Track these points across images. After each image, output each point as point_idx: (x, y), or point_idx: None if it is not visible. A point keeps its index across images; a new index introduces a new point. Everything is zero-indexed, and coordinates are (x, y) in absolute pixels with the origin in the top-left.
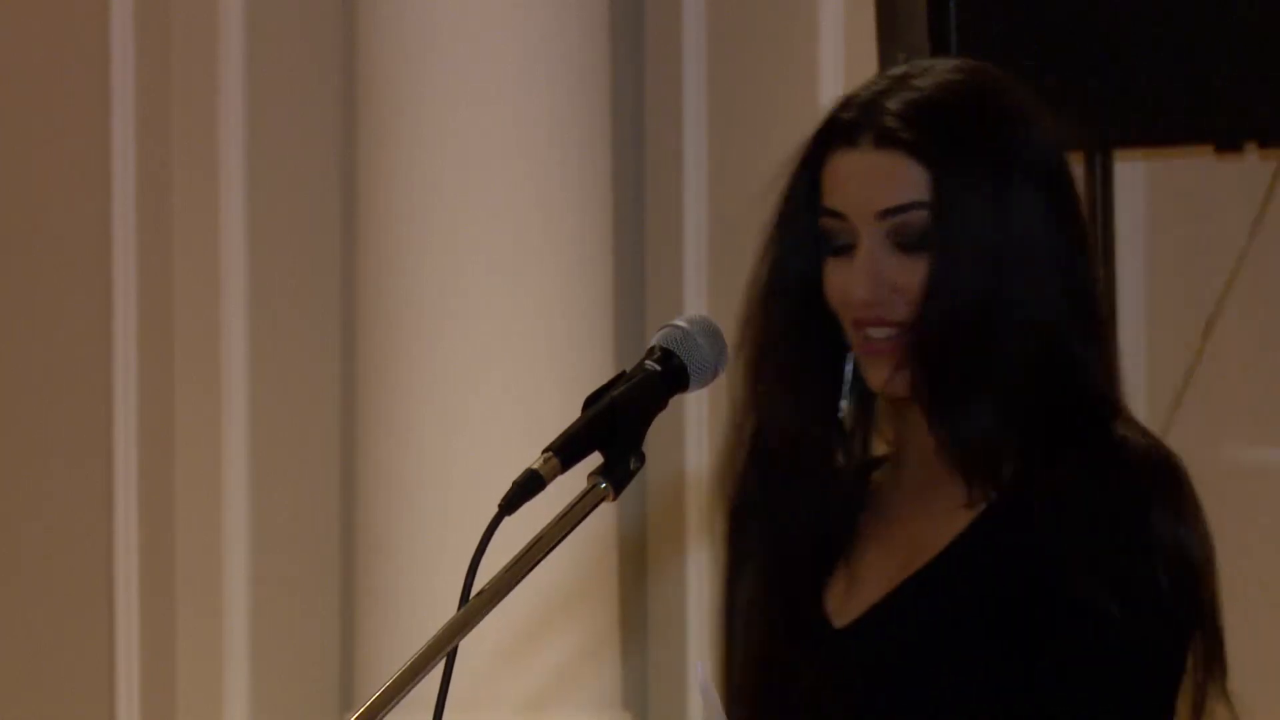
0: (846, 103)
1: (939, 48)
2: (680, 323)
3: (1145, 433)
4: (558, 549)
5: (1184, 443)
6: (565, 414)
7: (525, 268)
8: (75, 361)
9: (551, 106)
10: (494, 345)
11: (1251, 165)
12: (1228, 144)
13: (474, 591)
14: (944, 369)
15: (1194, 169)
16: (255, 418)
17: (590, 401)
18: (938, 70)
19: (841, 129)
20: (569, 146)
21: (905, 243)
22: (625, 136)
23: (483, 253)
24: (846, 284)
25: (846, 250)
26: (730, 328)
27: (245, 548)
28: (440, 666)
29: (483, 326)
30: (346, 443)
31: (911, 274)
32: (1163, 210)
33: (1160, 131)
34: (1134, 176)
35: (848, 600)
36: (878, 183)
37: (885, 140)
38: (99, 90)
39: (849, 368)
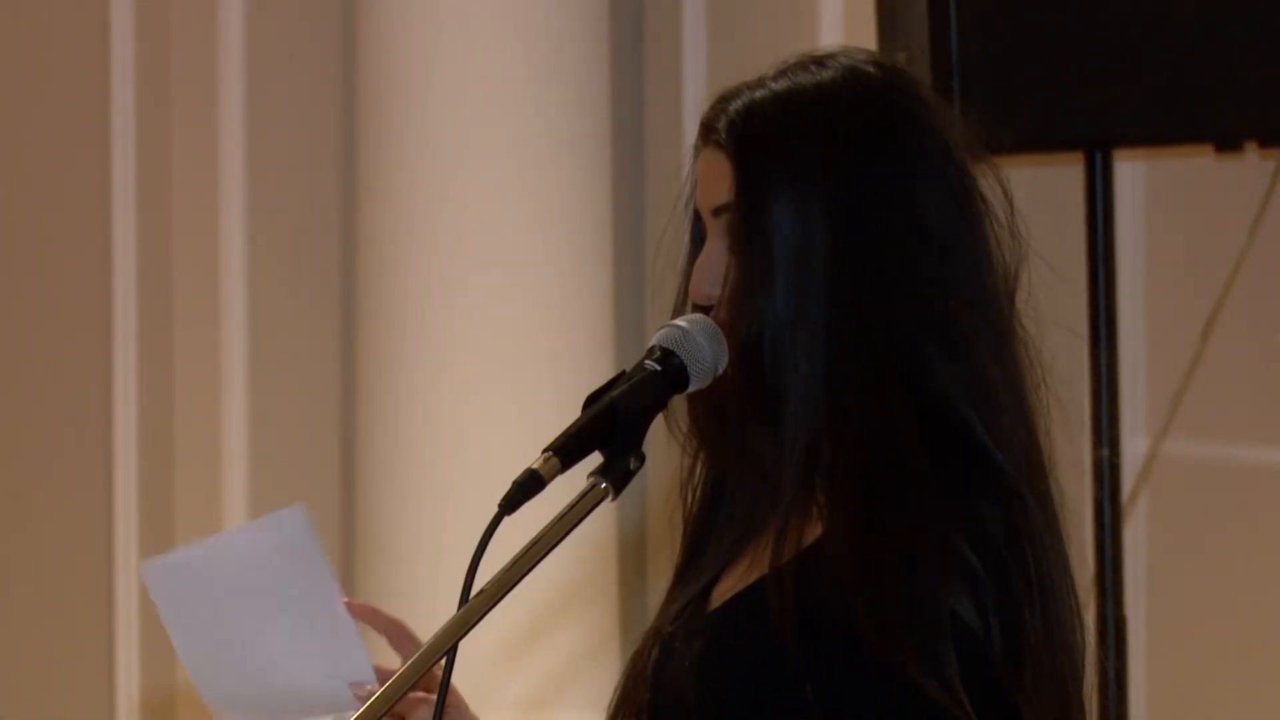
0: (715, 100)
1: (939, 47)
2: (680, 322)
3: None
4: (558, 549)
5: (1187, 442)
6: (565, 414)
7: (525, 266)
8: (75, 361)
9: (551, 105)
10: (494, 345)
11: (1251, 165)
12: (1228, 144)
13: (474, 591)
14: (746, 384)
15: (1194, 169)
16: (255, 418)
17: (590, 401)
18: (815, 69)
19: (702, 126)
20: (568, 145)
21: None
22: (625, 134)
23: (482, 252)
24: (693, 278)
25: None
26: None
27: None
28: (440, 666)
29: (482, 326)
30: (346, 443)
31: (733, 270)
32: (1162, 210)
33: (1160, 131)
34: (1134, 176)
35: (725, 591)
36: (712, 182)
37: (717, 141)
38: (99, 85)
39: None
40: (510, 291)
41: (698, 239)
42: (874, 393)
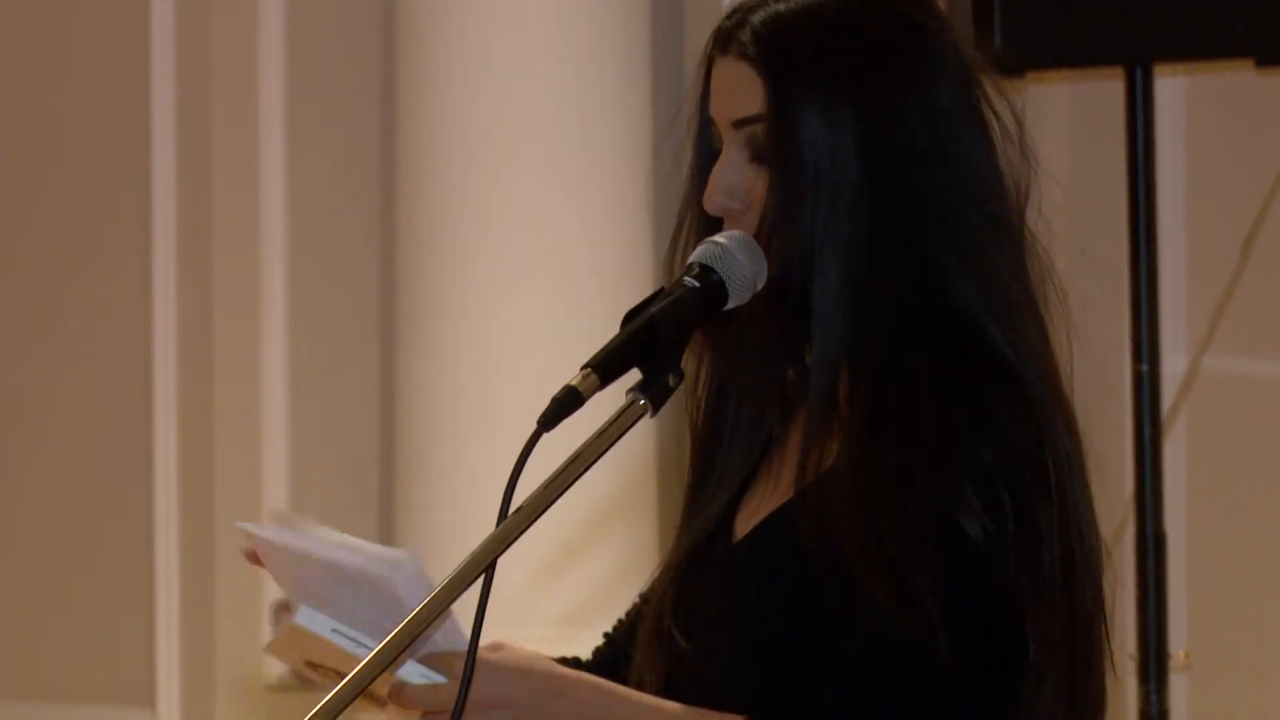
0: (731, 10)
1: None
2: (719, 239)
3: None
4: (596, 465)
5: (1227, 358)
6: (605, 329)
7: (566, 178)
8: (116, 269)
9: (594, 102)
10: (534, 260)
11: None
12: (1268, 58)
13: (512, 508)
14: (781, 296)
15: (1235, 83)
16: (294, 335)
17: (629, 318)
18: None
19: (719, 36)
20: (610, 59)
21: (756, 155)
22: (663, 130)
23: (523, 165)
24: (708, 188)
25: (719, 156)
26: None
27: (284, 465)
28: (479, 583)
29: (523, 240)
30: (386, 358)
31: (760, 184)
32: (1203, 126)
33: (1200, 45)
34: (1174, 91)
35: (749, 517)
36: (733, 93)
37: (741, 53)
38: (139, 92)
39: None
40: (551, 202)
41: (707, 150)
42: (897, 309)
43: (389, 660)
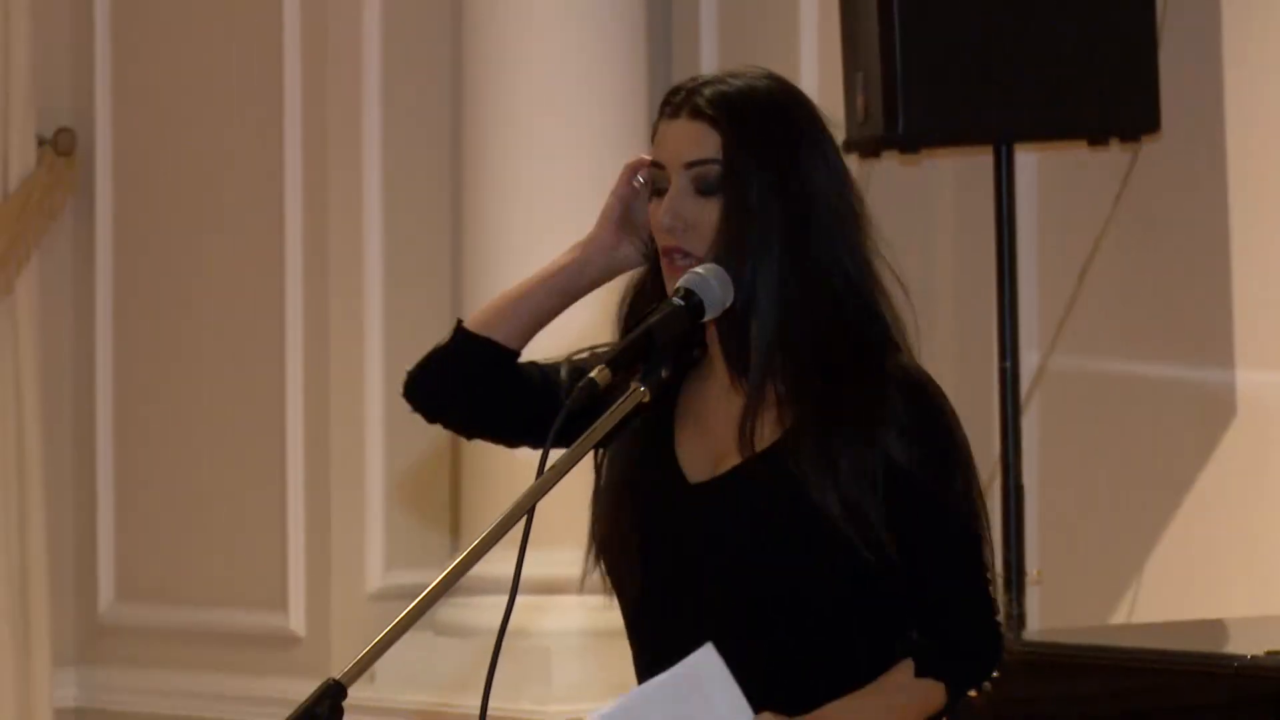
0: (676, 90)
1: (887, 65)
2: (699, 270)
3: (914, 365)
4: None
5: (1068, 356)
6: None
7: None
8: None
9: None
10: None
11: (1115, 154)
12: (1097, 140)
13: (547, 465)
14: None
15: (1073, 156)
16: (388, 313)
17: (629, 328)
18: (748, 76)
19: (670, 105)
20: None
21: (703, 188)
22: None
23: (567, 176)
24: (658, 215)
25: (662, 193)
26: None
27: (380, 427)
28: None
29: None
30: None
31: (707, 213)
32: (1050, 186)
33: (1048, 130)
34: (1029, 162)
35: (697, 463)
36: (687, 142)
37: (695, 114)
38: (273, 102)
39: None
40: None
41: (652, 190)
42: (821, 305)
43: (466, 567)
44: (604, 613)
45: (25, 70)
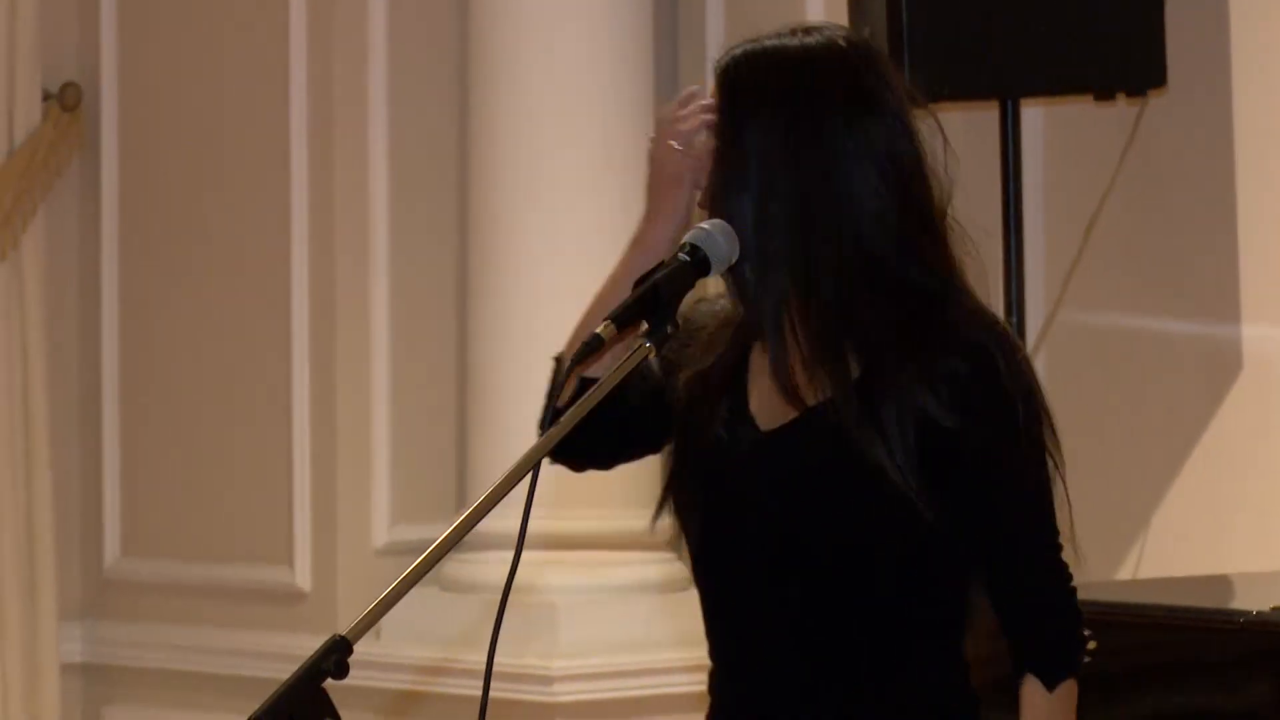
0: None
1: (893, 23)
2: (705, 225)
3: (982, 307)
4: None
5: (1074, 312)
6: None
7: (619, 184)
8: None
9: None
10: (584, 252)
11: (1121, 109)
12: (1103, 94)
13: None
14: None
15: (1078, 111)
16: (394, 301)
17: (639, 283)
18: (802, 35)
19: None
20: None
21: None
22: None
23: (577, 174)
24: None
25: None
26: None
27: (386, 406)
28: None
29: (574, 235)
30: (461, 333)
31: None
32: (1056, 142)
33: (1053, 85)
34: (1035, 117)
35: (763, 414)
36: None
37: (718, 78)
38: (280, 97)
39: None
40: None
41: None
42: (826, 258)
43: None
44: (610, 569)
45: (31, 24)
